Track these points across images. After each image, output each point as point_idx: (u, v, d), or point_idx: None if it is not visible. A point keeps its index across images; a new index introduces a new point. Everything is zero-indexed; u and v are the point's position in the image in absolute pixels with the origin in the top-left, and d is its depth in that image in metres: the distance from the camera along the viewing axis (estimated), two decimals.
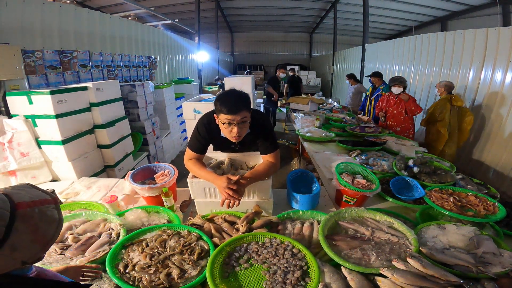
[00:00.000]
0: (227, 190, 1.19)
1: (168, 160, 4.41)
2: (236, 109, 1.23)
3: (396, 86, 3.36)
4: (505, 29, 3.09)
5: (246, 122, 1.28)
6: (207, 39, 11.88)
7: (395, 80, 3.40)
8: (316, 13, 11.47)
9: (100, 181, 1.87)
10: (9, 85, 2.17)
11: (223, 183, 1.20)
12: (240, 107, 1.24)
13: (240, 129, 1.27)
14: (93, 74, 3.32)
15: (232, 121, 1.25)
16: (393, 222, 1.18)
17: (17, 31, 2.31)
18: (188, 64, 7.28)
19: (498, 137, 3.18)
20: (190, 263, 1.00)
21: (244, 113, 1.25)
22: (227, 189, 1.19)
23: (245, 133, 1.33)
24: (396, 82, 3.37)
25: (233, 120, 1.24)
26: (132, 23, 4.35)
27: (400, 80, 3.38)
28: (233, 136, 1.30)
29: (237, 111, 1.23)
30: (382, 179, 1.79)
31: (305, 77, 11.79)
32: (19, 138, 1.95)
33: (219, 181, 1.23)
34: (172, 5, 9.35)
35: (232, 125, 1.26)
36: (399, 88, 3.35)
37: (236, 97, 1.27)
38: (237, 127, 1.26)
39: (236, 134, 1.28)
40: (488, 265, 0.95)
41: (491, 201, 1.37)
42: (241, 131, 1.29)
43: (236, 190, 1.20)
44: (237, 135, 1.28)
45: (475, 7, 8.35)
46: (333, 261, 0.99)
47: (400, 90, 3.36)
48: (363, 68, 7.12)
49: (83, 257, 1.03)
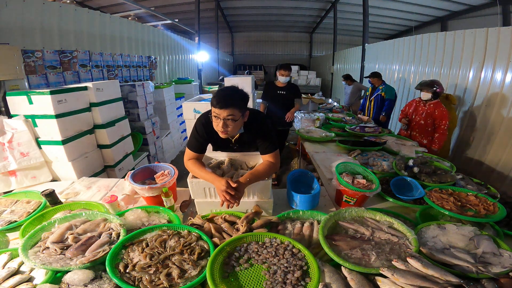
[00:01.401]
0: (225, 194, 1.19)
1: (168, 160, 4.41)
2: (224, 104, 1.22)
3: (424, 91, 2.76)
4: (505, 29, 3.09)
5: (233, 120, 1.25)
6: (207, 39, 11.88)
7: (423, 84, 2.83)
8: (316, 13, 11.47)
9: (100, 181, 1.87)
10: (9, 85, 2.17)
11: (222, 185, 1.20)
12: (228, 103, 1.22)
13: (225, 125, 1.26)
14: (93, 74, 3.31)
15: (219, 115, 1.24)
16: (393, 222, 1.18)
17: (17, 31, 2.31)
18: (188, 64, 7.28)
19: (498, 137, 3.18)
20: (190, 263, 1.00)
21: (232, 110, 1.23)
22: (225, 192, 1.19)
23: (233, 131, 1.31)
24: (424, 86, 2.79)
25: (219, 115, 1.24)
26: (132, 23, 4.35)
27: (428, 84, 2.77)
28: (219, 131, 1.29)
29: (225, 106, 1.22)
30: (382, 179, 1.79)
31: (305, 77, 11.79)
32: (19, 138, 1.95)
33: (218, 182, 1.22)
34: (172, 5, 9.35)
35: (218, 120, 1.25)
36: (427, 94, 2.76)
37: (230, 93, 1.27)
38: (222, 122, 1.25)
39: (220, 129, 1.27)
40: (488, 265, 0.95)
41: (491, 201, 1.37)
42: (227, 128, 1.27)
43: (234, 196, 1.19)
44: (222, 130, 1.27)
45: (475, 7, 8.35)
46: (333, 261, 0.99)
47: (428, 96, 2.76)
48: (363, 68, 7.12)
49: (83, 257, 1.03)
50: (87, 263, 0.99)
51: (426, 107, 2.79)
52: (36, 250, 1.09)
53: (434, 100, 2.76)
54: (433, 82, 2.75)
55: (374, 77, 4.39)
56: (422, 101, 2.85)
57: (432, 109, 2.75)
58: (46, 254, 1.06)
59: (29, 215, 1.40)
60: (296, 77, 11.69)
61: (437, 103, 2.75)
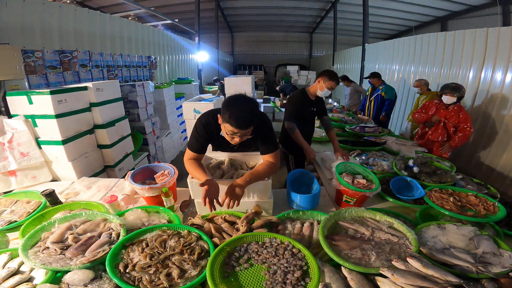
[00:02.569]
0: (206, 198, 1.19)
1: (168, 160, 4.41)
2: (245, 126, 1.21)
3: (449, 95, 2.65)
4: (505, 29, 3.09)
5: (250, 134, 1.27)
6: (207, 39, 11.88)
7: (447, 87, 2.69)
8: (316, 13, 11.46)
9: (100, 181, 1.87)
10: (9, 85, 2.17)
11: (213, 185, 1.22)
12: (249, 124, 1.22)
13: (242, 139, 1.28)
14: (93, 74, 3.31)
15: (236, 134, 1.24)
16: (393, 222, 1.18)
17: (17, 31, 2.31)
18: (188, 64, 7.28)
19: (498, 137, 3.18)
20: (190, 263, 1.00)
21: (251, 129, 1.24)
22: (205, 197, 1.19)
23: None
24: (448, 89, 2.66)
25: (237, 133, 1.24)
26: (132, 23, 4.35)
27: (454, 88, 2.64)
28: (232, 141, 1.31)
29: (246, 127, 1.22)
30: (382, 179, 1.79)
31: (305, 77, 11.78)
32: (19, 138, 1.95)
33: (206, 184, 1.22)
34: (172, 5, 9.34)
35: (235, 135, 1.26)
36: (451, 98, 2.64)
37: (248, 114, 1.22)
38: (240, 138, 1.27)
39: (236, 142, 1.29)
40: (488, 265, 0.95)
41: (491, 201, 1.37)
42: (242, 141, 1.29)
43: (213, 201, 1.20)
44: (238, 142, 1.29)
45: (475, 7, 8.35)
46: (333, 261, 0.99)
47: (453, 100, 2.65)
48: (363, 68, 7.12)
49: (83, 257, 1.03)
50: (87, 263, 0.99)
51: (449, 110, 2.73)
52: (36, 250, 1.09)
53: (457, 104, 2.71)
54: (458, 86, 2.68)
55: (374, 77, 4.39)
56: (444, 104, 2.77)
57: (456, 112, 2.69)
58: (46, 254, 1.06)
59: (29, 215, 1.40)
60: (296, 77, 11.68)
61: (459, 106, 2.72)
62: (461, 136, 2.69)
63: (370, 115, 4.52)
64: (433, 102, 2.90)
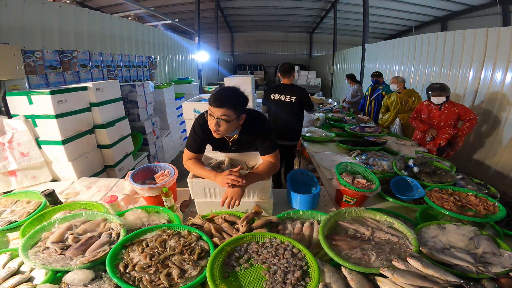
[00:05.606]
0: (230, 177, 1.20)
1: (168, 160, 4.40)
2: (219, 103, 1.21)
3: (437, 95, 2.72)
4: (505, 29, 3.09)
5: (226, 121, 1.24)
6: (207, 39, 11.87)
7: (434, 89, 2.75)
8: (316, 13, 11.46)
9: (100, 181, 1.87)
10: (9, 85, 2.17)
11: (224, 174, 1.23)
12: (223, 103, 1.22)
13: (217, 125, 1.26)
14: (93, 74, 3.31)
15: (213, 114, 1.24)
16: (393, 222, 1.18)
17: (17, 31, 2.31)
18: (188, 64, 7.28)
19: (498, 137, 3.18)
20: (190, 263, 1.00)
21: (227, 110, 1.22)
22: (229, 175, 1.20)
23: (226, 132, 1.30)
24: (436, 91, 2.72)
25: (213, 113, 1.24)
26: (132, 23, 4.34)
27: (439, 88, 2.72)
28: (212, 130, 1.29)
29: (220, 105, 1.21)
30: (382, 179, 1.79)
31: (305, 77, 11.79)
32: (19, 138, 1.95)
33: (220, 176, 1.24)
34: (172, 5, 9.34)
35: (212, 118, 1.26)
36: (440, 98, 2.71)
37: (227, 93, 1.26)
38: (215, 121, 1.25)
39: (213, 127, 1.27)
40: (488, 265, 0.95)
41: (491, 201, 1.37)
42: (218, 127, 1.26)
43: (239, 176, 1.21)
44: (214, 129, 1.27)
45: (475, 7, 8.35)
46: (333, 261, 0.99)
47: (442, 100, 2.71)
48: (363, 68, 7.12)
49: (83, 257, 1.03)
50: (87, 263, 0.99)
51: (442, 109, 2.78)
52: (36, 250, 1.09)
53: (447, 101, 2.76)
54: (443, 85, 2.75)
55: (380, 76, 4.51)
56: (435, 104, 2.82)
57: (451, 108, 2.74)
58: (46, 254, 1.06)
59: (29, 215, 1.40)
60: (296, 77, 11.68)
61: (451, 102, 2.77)
62: (469, 125, 2.74)
63: (370, 115, 4.52)
64: (424, 104, 2.97)
